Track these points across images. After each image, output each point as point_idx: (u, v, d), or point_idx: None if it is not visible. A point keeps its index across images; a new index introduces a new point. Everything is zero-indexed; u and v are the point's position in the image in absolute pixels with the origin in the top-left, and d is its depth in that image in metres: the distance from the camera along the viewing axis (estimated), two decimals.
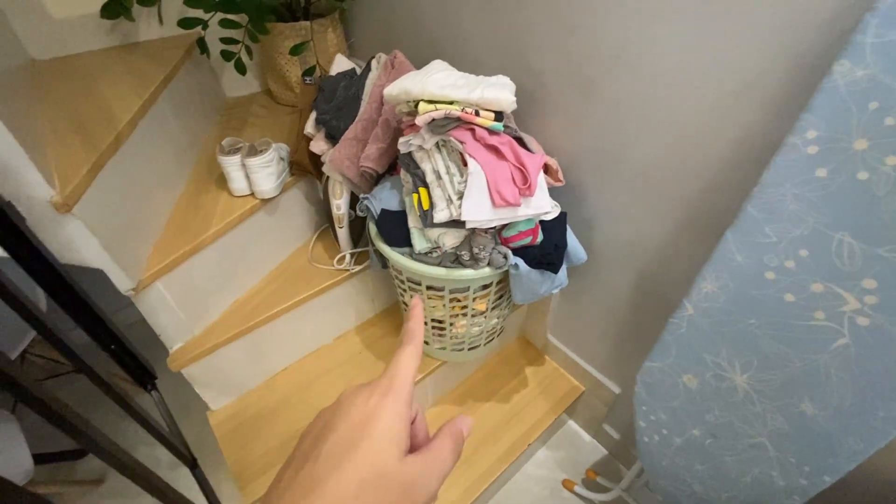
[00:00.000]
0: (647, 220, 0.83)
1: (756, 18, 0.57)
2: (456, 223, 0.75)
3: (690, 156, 0.71)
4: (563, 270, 0.85)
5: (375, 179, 0.95)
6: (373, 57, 1.01)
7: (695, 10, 0.61)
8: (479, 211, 0.69)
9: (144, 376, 0.80)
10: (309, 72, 1.16)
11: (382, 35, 1.21)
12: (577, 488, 1.16)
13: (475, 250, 0.77)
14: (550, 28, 0.78)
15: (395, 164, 0.95)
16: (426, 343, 1.06)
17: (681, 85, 0.67)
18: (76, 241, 0.69)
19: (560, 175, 0.84)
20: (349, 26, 1.32)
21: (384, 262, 0.97)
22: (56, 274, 0.61)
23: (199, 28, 1.03)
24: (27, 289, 1.03)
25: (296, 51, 1.10)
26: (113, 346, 0.71)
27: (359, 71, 1.03)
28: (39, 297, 1.06)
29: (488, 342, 1.05)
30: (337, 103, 0.97)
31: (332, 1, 1.21)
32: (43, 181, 0.63)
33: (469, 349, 1.04)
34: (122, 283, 0.75)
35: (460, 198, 0.70)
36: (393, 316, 1.21)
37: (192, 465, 0.86)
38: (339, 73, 1.03)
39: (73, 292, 0.63)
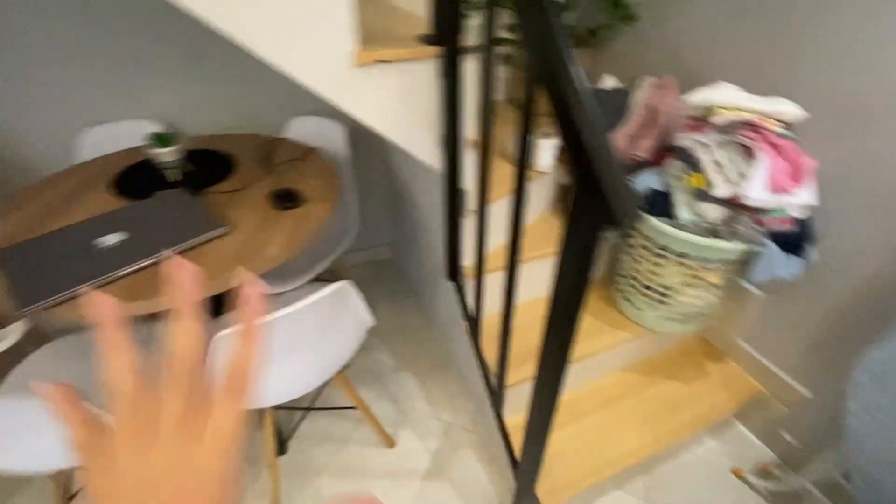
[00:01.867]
0: (879, 228, 0.97)
1: None
2: (724, 201, 0.98)
3: None
4: (800, 260, 1.02)
5: (633, 168, 1.22)
6: (637, 78, 1.30)
7: None
8: (758, 192, 0.91)
9: (455, 273, 1.14)
10: None
11: (628, 64, 1.51)
12: (748, 476, 1.26)
13: (736, 226, 0.99)
14: (818, 69, 0.99)
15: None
16: (639, 309, 1.27)
17: None
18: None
19: None
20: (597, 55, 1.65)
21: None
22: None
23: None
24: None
25: None
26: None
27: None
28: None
29: (697, 320, 1.24)
30: (609, 109, 1.27)
31: (597, 37, 1.54)
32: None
33: (680, 322, 1.23)
34: (471, 204, 1.10)
35: (742, 179, 0.93)
36: (602, 284, 1.46)
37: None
38: (608, 88, 1.33)
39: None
